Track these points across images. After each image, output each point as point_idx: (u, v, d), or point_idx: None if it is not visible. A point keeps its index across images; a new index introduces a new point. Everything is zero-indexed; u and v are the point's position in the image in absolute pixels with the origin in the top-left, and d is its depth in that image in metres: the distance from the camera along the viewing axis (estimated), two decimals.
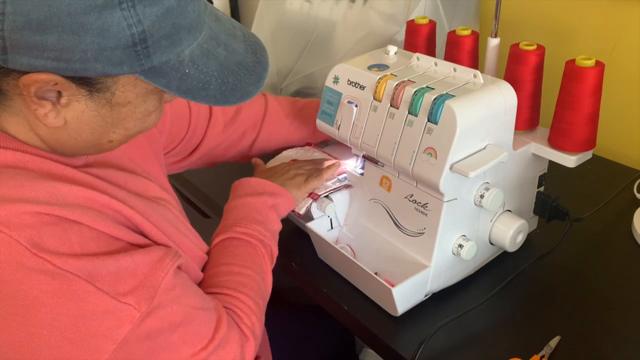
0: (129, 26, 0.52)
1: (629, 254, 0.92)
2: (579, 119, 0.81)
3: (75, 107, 0.57)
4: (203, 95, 0.60)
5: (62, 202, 0.57)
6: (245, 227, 0.80)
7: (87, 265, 0.55)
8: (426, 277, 0.80)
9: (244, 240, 0.79)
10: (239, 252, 0.78)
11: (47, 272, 0.53)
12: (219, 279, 0.74)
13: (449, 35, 0.93)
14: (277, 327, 1.03)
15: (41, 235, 0.54)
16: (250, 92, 0.63)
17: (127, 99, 0.58)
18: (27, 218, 0.54)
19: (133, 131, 0.63)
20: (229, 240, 0.80)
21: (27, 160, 0.59)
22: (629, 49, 1.11)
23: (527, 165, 0.88)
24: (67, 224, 0.56)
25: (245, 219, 0.82)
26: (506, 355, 0.74)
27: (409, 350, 0.76)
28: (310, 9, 1.24)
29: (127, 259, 0.59)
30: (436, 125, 0.74)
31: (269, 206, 0.84)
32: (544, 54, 0.85)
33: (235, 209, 0.84)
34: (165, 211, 0.73)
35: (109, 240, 0.59)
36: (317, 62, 1.22)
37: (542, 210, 0.92)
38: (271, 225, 0.83)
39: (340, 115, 0.87)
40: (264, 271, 0.78)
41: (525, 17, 1.24)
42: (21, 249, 0.53)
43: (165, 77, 0.57)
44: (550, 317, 0.81)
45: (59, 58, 0.52)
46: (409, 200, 0.82)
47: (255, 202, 0.84)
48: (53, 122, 0.57)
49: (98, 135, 0.61)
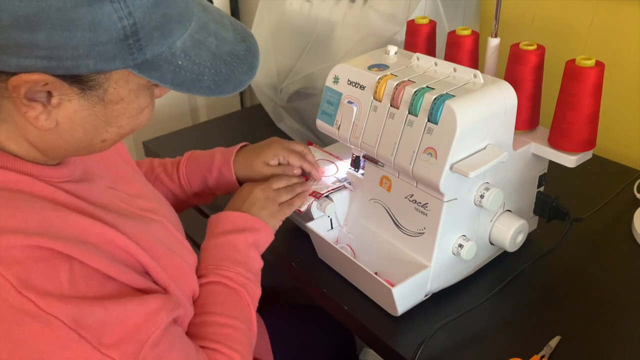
0: (120, 19, 0.51)
1: (629, 254, 0.92)
2: (579, 119, 0.81)
3: (67, 107, 0.56)
4: (197, 87, 0.58)
5: (54, 233, 0.55)
6: (227, 269, 0.77)
7: (72, 310, 0.53)
8: (426, 277, 0.80)
9: (228, 286, 0.76)
10: (224, 299, 0.75)
11: (31, 314, 0.52)
12: (206, 330, 0.72)
13: (449, 35, 0.93)
14: (277, 327, 1.03)
15: (29, 272, 0.52)
16: (243, 81, 0.62)
17: (119, 95, 0.57)
18: (17, 252, 0.52)
19: (126, 129, 0.61)
20: (212, 284, 0.76)
21: (17, 181, 0.57)
22: (629, 49, 1.11)
23: (527, 165, 0.88)
24: (58, 259, 0.54)
25: (227, 260, 0.79)
26: (506, 355, 0.74)
27: (409, 350, 0.76)
28: (310, 9, 1.24)
29: (118, 307, 0.57)
30: (436, 125, 0.74)
31: (250, 244, 0.81)
32: (544, 54, 0.85)
33: (216, 248, 0.81)
34: (156, 228, 0.71)
35: (101, 279, 0.57)
36: (317, 62, 1.21)
37: (542, 210, 0.92)
38: (252, 264, 0.80)
39: (340, 115, 0.87)
40: (249, 320, 0.76)
41: (525, 17, 1.24)
42: (7, 286, 0.51)
43: (159, 71, 0.56)
44: (550, 317, 0.81)
45: (50, 56, 0.51)
46: (409, 200, 0.82)
47: (235, 240, 0.81)
48: (44, 124, 0.55)
49: (91, 135, 0.59)
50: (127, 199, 0.72)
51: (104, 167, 0.74)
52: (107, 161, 0.76)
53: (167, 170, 0.97)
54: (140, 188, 0.77)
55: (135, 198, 0.74)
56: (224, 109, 1.86)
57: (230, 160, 0.94)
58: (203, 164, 0.96)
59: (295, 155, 0.93)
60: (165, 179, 0.96)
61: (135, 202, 0.73)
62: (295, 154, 0.94)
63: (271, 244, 0.92)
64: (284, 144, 0.95)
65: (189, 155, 0.98)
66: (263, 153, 0.93)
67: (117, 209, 0.68)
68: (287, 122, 1.36)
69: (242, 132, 1.45)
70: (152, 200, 0.77)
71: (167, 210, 0.80)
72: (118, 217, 0.65)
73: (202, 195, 0.98)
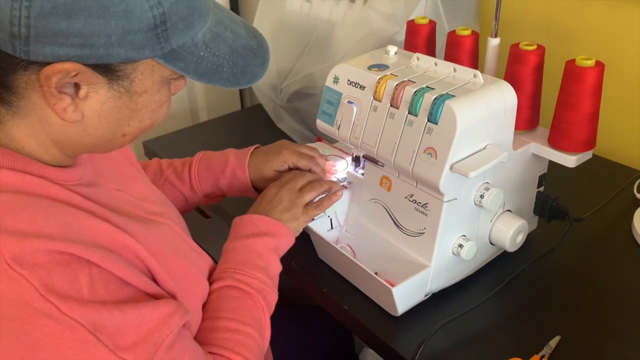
0: (151, 8, 0.53)
1: (629, 254, 0.92)
2: (579, 119, 0.81)
3: (94, 99, 0.57)
4: (217, 77, 0.60)
5: (74, 238, 0.56)
6: (244, 274, 0.77)
7: (92, 314, 0.54)
8: (426, 277, 0.80)
9: (243, 290, 0.76)
10: (238, 305, 0.74)
11: (52, 317, 0.53)
12: (216, 335, 0.71)
13: (449, 35, 0.93)
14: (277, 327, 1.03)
15: (52, 276, 0.53)
16: (258, 74, 0.64)
17: (144, 87, 0.58)
18: (41, 257, 0.53)
19: (147, 123, 0.63)
20: (227, 289, 0.76)
21: (36, 185, 0.58)
22: (629, 49, 1.11)
23: (527, 165, 0.88)
24: (78, 264, 0.55)
25: (246, 265, 0.78)
26: (506, 355, 0.74)
27: (409, 350, 0.76)
28: (310, 9, 1.24)
29: (134, 311, 0.57)
30: (436, 125, 0.74)
31: (271, 249, 0.80)
32: (544, 54, 0.85)
33: (236, 251, 0.80)
34: (163, 231, 0.72)
35: (118, 284, 0.58)
36: (317, 62, 1.21)
37: (542, 210, 0.92)
38: (272, 269, 0.80)
39: (340, 115, 0.87)
40: (262, 326, 0.75)
41: (525, 17, 1.24)
42: (31, 290, 0.52)
43: (183, 61, 0.58)
44: (550, 317, 0.81)
45: (84, 44, 0.52)
46: (409, 200, 0.82)
47: (256, 244, 0.80)
48: (72, 116, 0.56)
49: (114, 129, 0.60)
50: (134, 201, 0.72)
51: (111, 170, 0.74)
52: (113, 163, 0.76)
53: (177, 172, 0.97)
54: (146, 191, 0.78)
55: (142, 201, 0.74)
56: (224, 109, 1.86)
57: (245, 162, 0.94)
58: (216, 166, 0.95)
59: (304, 160, 0.93)
60: (176, 180, 0.96)
61: (142, 205, 0.73)
62: (304, 158, 0.93)
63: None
64: (293, 148, 0.94)
65: (201, 157, 0.98)
66: (272, 160, 0.93)
67: (126, 212, 0.68)
68: (287, 122, 1.36)
69: (242, 132, 1.45)
70: (158, 204, 0.77)
71: (173, 213, 0.80)
72: (128, 220, 0.65)
73: (212, 196, 0.98)
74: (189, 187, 0.96)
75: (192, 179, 0.96)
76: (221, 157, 0.96)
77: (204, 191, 0.96)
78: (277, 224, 0.83)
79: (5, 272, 0.52)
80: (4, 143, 0.59)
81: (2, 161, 0.58)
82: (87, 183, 0.66)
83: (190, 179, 0.96)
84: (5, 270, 0.52)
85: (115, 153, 0.78)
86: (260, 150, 0.96)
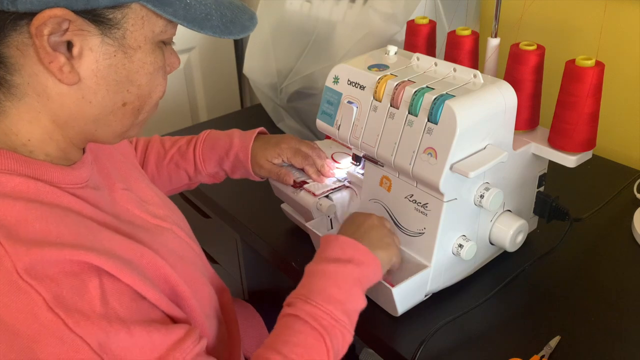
0: None
1: (629, 254, 0.92)
2: (579, 119, 0.81)
3: (89, 56, 0.57)
4: (208, 25, 0.60)
5: (88, 245, 0.55)
6: (316, 306, 0.68)
7: (99, 333, 0.53)
8: (426, 277, 0.80)
9: (309, 325, 0.67)
10: (298, 340, 0.66)
11: (57, 334, 0.52)
12: None
13: (449, 35, 0.93)
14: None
15: (61, 288, 0.52)
16: (248, 27, 0.64)
17: (137, 41, 0.58)
18: (51, 267, 0.53)
19: (144, 90, 0.62)
20: (293, 319, 0.68)
21: (47, 192, 0.58)
22: (629, 49, 1.11)
23: (527, 165, 0.88)
24: (88, 274, 0.54)
25: (320, 295, 0.69)
26: (506, 355, 0.74)
27: (409, 350, 0.76)
28: (310, 9, 1.24)
29: (144, 336, 0.56)
30: (436, 125, 0.74)
31: (354, 279, 0.71)
32: (544, 54, 0.85)
33: (314, 276, 0.72)
34: (168, 238, 0.71)
35: (133, 296, 0.57)
36: (317, 62, 1.21)
37: (542, 210, 0.92)
38: (352, 304, 0.71)
39: (340, 115, 0.87)
40: None
41: (525, 17, 1.24)
42: (40, 302, 0.51)
43: (171, 6, 0.57)
44: (550, 317, 0.81)
45: None
46: (409, 200, 0.82)
47: (337, 272, 0.71)
48: (69, 76, 0.56)
49: (112, 95, 0.60)
50: (140, 203, 0.72)
51: (115, 168, 0.74)
52: (117, 164, 0.76)
53: (181, 151, 0.98)
54: (150, 193, 0.77)
55: (147, 203, 0.74)
56: (224, 109, 1.86)
57: (249, 147, 0.94)
58: (221, 147, 0.96)
59: (299, 157, 0.93)
60: (180, 160, 0.97)
61: (147, 207, 0.73)
62: (299, 155, 0.94)
63: (271, 244, 0.91)
64: (292, 144, 0.95)
65: (206, 136, 0.98)
66: (269, 150, 0.94)
67: (134, 220, 0.68)
68: (287, 122, 1.36)
69: None
70: (162, 206, 0.77)
71: (176, 215, 0.79)
72: (136, 229, 0.65)
73: (216, 176, 0.99)
74: (194, 167, 0.97)
75: (197, 158, 0.97)
76: (226, 139, 0.96)
77: (208, 171, 0.97)
78: (366, 253, 0.74)
79: (14, 283, 0.51)
80: (10, 142, 0.59)
81: (13, 167, 0.57)
82: (94, 186, 0.66)
83: (195, 159, 0.97)
84: (16, 281, 0.51)
85: (118, 154, 0.79)
86: (263, 137, 0.97)
